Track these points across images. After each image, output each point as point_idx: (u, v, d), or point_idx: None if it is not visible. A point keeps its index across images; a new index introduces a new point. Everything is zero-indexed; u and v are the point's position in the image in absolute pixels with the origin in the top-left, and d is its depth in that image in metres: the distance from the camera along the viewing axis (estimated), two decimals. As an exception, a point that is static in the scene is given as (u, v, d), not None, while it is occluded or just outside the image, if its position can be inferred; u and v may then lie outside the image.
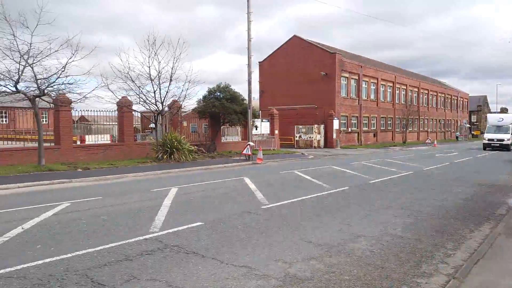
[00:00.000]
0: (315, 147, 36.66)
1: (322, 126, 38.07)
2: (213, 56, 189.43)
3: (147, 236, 6.69)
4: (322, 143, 37.86)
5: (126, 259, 5.54)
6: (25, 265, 5.24)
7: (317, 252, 6.00)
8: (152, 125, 28.29)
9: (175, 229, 7.15)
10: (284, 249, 6.11)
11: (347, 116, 41.51)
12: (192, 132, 26.93)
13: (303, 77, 40.20)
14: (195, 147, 22.23)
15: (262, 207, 9.28)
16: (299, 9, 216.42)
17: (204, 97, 24.90)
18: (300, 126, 38.21)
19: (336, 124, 38.38)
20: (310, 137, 37.54)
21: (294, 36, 42.48)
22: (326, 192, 11.52)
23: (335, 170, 17.90)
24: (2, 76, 15.66)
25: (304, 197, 10.61)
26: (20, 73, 15.79)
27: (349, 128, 42.07)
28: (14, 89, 16.11)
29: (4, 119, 48.32)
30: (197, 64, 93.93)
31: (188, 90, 21.53)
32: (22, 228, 7.14)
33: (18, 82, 15.95)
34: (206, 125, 27.50)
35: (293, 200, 10.21)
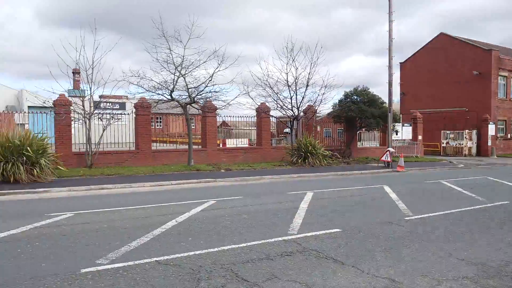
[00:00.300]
0: (465, 155, 32.97)
1: (474, 132, 34.07)
2: (349, 59, 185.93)
3: (286, 238, 6.79)
4: (474, 150, 33.87)
5: (267, 258, 5.69)
6: (179, 255, 5.78)
7: (471, 272, 5.31)
8: (287, 130, 29.01)
9: (313, 233, 7.11)
10: (431, 264, 5.55)
11: (505, 120, 36.36)
12: (325, 137, 26.77)
13: (451, 77, 36.60)
14: (330, 152, 22.01)
15: (405, 218, 8.63)
16: (445, 4, 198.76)
17: (340, 101, 24.50)
18: (448, 132, 34.79)
19: (491, 129, 33.92)
20: (459, 144, 33.91)
21: (441, 33, 39.01)
22: (480, 206, 10.20)
23: (491, 182, 15.78)
24: (160, 86, 17.88)
25: (453, 210, 9.55)
26: (174, 83, 17.80)
27: (508, 134, 36.75)
28: (169, 97, 18.22)
29: (159, 124, 55.29)
30: (333, 68, 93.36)
31: (324, 94, 21.55)
32: (176, 221, 7.93)
33: (173, 91, 17.99)
34: (341, 129, 27.04)
35: (440, 212, 9.28)
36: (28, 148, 13.49)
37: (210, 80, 18.09)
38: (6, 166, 13.11)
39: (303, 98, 21.18)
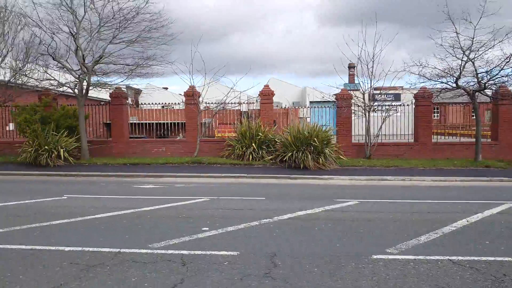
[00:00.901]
0: None
1: None
2: None
3: None
4: None
5: None
6: (476, 258, 5.14)
7: None
8: None
9: None
10: None
11: None
12: None
13: None
14: None
15: None
16: None
17: None
18: None
19: None
20: None
21: None
22: None
23: None
24: (443, 73, 16.51)
25: None
26: (461, 69, 16.08)
27: None
28: (454, 85, 16.61)
29: (436, 114, 52.07)
30: None
31: None
32: (467, 221, 7.13)
33: (459, 78, 16.29)
34: None
35: None
36: (315, 139, 15.08)
37: (508, 62, 15.44)
38: (297, 154, 15.07)
39: None
